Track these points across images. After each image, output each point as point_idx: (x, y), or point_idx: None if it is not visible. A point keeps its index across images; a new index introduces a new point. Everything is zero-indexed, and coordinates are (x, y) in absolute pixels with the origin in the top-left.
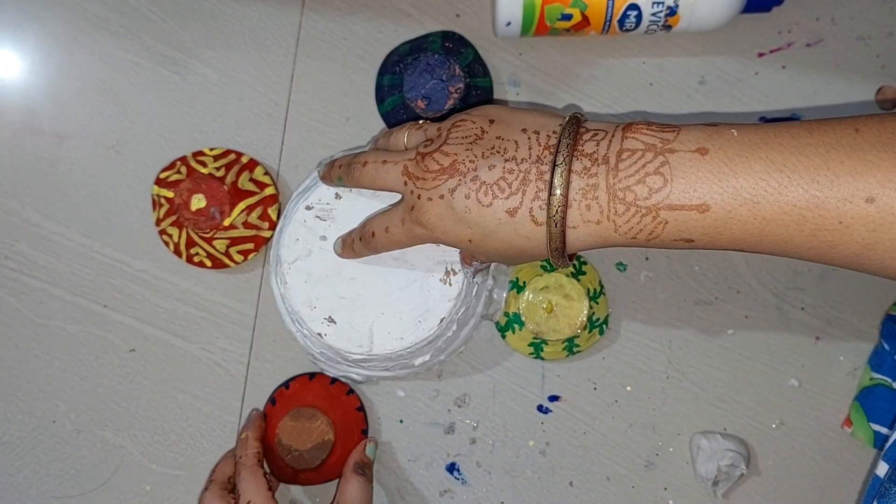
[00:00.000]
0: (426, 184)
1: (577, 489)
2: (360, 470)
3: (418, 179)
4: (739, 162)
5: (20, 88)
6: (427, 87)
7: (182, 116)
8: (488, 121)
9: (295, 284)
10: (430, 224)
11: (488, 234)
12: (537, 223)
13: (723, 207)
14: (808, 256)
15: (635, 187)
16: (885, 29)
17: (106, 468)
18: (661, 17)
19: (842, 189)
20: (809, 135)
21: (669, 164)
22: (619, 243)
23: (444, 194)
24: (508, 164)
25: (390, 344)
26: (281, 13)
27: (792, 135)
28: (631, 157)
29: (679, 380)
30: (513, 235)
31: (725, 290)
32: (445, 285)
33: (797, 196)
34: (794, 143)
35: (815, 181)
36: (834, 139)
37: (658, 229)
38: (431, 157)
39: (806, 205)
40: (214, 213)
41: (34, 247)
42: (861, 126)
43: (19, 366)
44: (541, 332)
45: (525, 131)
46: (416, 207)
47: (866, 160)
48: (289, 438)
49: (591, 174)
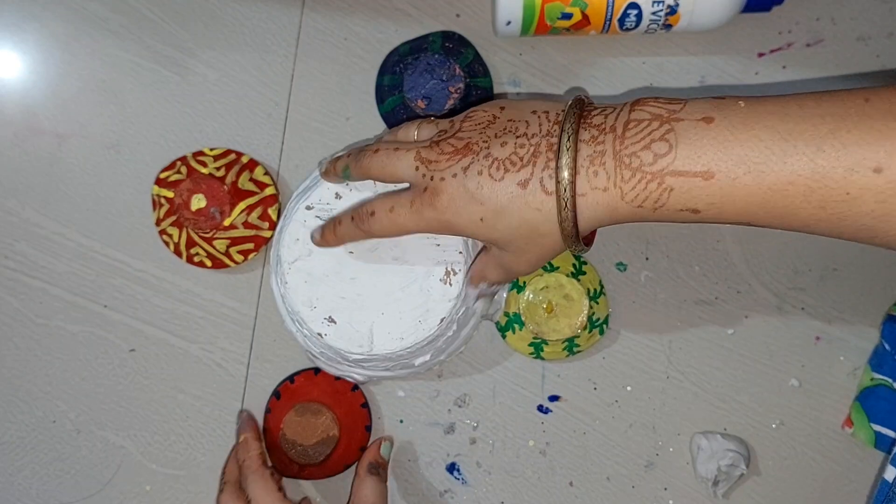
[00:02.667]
0: (439, 165)
1: (577, 489)
2: (375, 470)
3: (431, 163)
4: (744, 130)
5: (20, 88)
6: (427, 87)
7: (182, 116)
8: (499, 108)
9: (295, 284)
10: (442, 206)
11: (500, 209)
12: (547, 192)
13: (727, 175)
14: (819, 230)
15: (641, 153)
16: (885, 29)
17: (106, 468)
18: (661, 16)
19: (848, 158)
20: (817, 105)
21: (675, 132)
22: (626, 215)
23: (458, 173)
24: (519, 140)
25: (390, 344)
26: (281, 13)
27: (800, 104)
28: (637, 126)
29: (679, 380)
30: (524, 209)
31: (726, 290)
32: (445, 285)
33: (803, 165)
34: (802, 113)
35: (821, 150)
36: (842, 109)
37: (664, 196)
38: (446, 141)
39: (812, 174)
40: (214, 213)
41: (34, 247)
42: (872, 96)
43: (19, 366)
44: (541, 332)
45: (535, 112)
46: (429, 189)
47: (874, 129)
48: (293, 433)
49: (598, 142)
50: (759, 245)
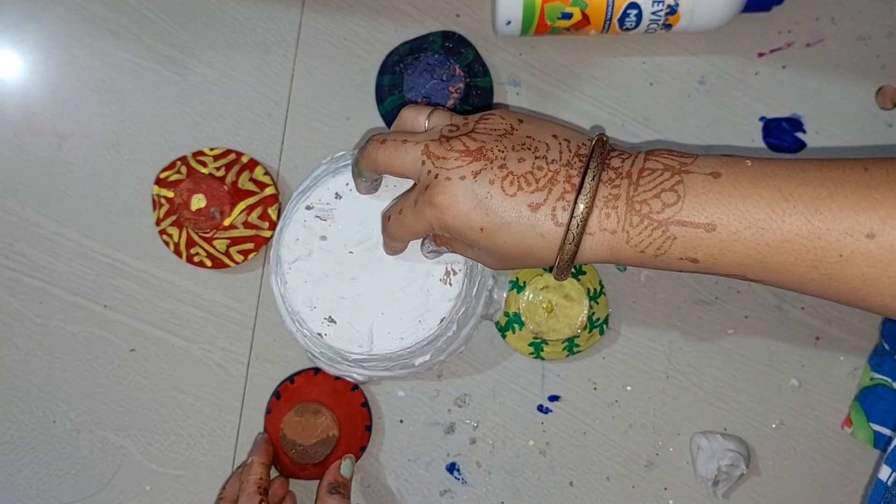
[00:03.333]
0: (447, 163)
1: (577, 489)
2: (335, 489)
3: (438, 159)
4: (749, 187)
5: (20, 88)
6: (427, 87)
7: (182, 116)
8: (517, 119)
9: (295, 284)
10: (442, 204)
11: (504, 225)
12: (557, 223)
13: (728, 229)
14: (810, 289)
15: (651, 201)
16: (885, 29)
17: (106, 468)
18: (661, 16)
19: (843, 222)
20: (819, 169)
21: (684, 184)
22: (627, 258)
23: (466, 175)
24: (538, 162)
25: (390, 344)
26: (281, 13)
27: (802, 168)
28: (650, 175)
29: (679, 380)
30: (528, 231)
31: (725, 290)
32: (445, 285)
33: (800, 225)
34: (804, 176)
35: (818, 212)
36: (842, 175)
37: (666, 244)
38: (458, 139)
39: (808, 235)
40: (214, 212)
41: (34, 247)
42: (871, 165)
43: (19, 366)
44: (541, 331)
45: (556, 137)
46: (432, 186)
47: (870, 196)
48: (293, 433)
49: (614, 185)
50: None
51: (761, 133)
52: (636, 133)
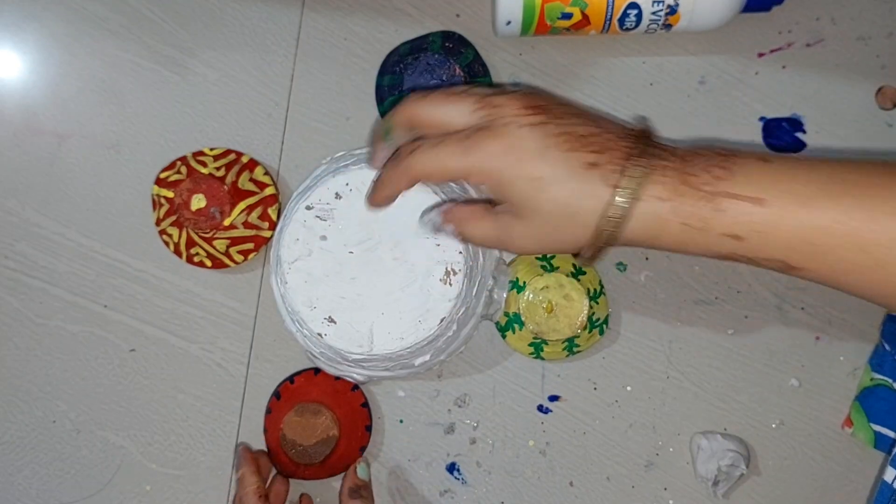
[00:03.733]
0: (506, 111)
1: (577, 489)
2: (357, 493)
3: (496, 107)
4: (800, 171)
5: (20, 88)
6: (427, 87)
7: (182, 116)
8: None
9: (295, 284)
10: (497, 150)
11: (559, 178)
12: (608, 184)
13: (778, 203)
14: (854, 279)
15: (701, 173)
16: (885, 29)
17: (106, 468)
18: (661, 15)
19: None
20: (874, 167)
21: (733, 162)
22: (669, 234)
23: (527, 125)
24: (595, 129)
25: (390, 344)
26: (281, 13)
27: (858, 165)
28: (699, 156)
29: (679, 380)
30: (580, 189)
31: (725, 289)
32: (445, 285)
33: (854, 206)
34: (856, 167)
35: (873, 196)
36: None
37: (713, 218)
38: (516, 94)
39: (862, 218)
40: (214, 213)
41: (34, 247)
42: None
43: (19, 366)
44: (541, 332)
45: (606, 119)
46: (487, 129)
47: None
48: (293, 434)
49: (664, 158)
50: None
51: (761, 133)
52: None
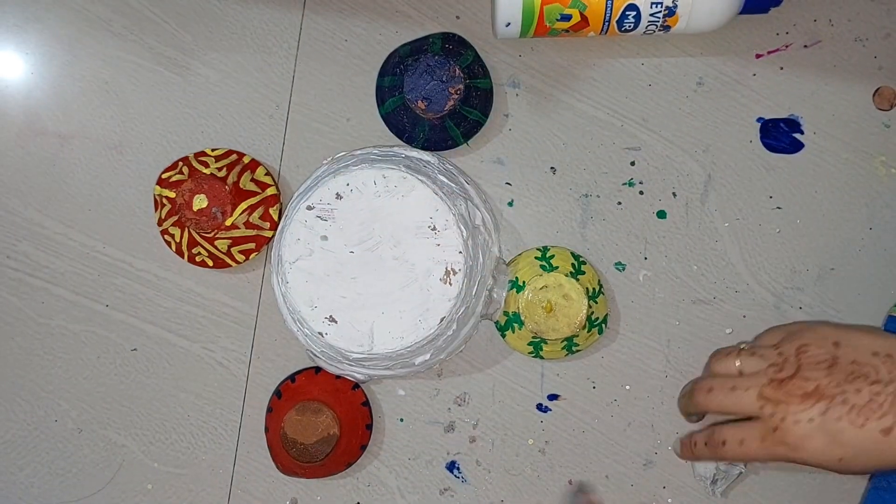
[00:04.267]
0: (791, 408)
1: (576, 487)
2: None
3: (780, 404)
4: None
5: (23, 89)
6: (427, 89)
7: (184, 117)
8: (832, 343)
9: (296, 284)
10: (796, 444)
11: (862, 452)
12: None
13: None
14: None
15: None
16: (882, 30)
17: (108, 467)
18: (659, 17)
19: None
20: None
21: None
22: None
23: (814, 417)
24: (875, 387)
25: (391, 343)
26: (282, 15)
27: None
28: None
29: (678, 379)
30: (887, 452)
31: (724, 289)
32: (445, 285)
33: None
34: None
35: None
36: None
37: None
38: (792, 382)
39: None
40: (216, 213)
41: (36, 246)
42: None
43: (21, 365)
44: (540, 331)
45: (877, 355)
46: (782, 430)
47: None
48: (294, 432)
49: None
50: (757, 245)
51: (759, 134)
52: (634, 134)
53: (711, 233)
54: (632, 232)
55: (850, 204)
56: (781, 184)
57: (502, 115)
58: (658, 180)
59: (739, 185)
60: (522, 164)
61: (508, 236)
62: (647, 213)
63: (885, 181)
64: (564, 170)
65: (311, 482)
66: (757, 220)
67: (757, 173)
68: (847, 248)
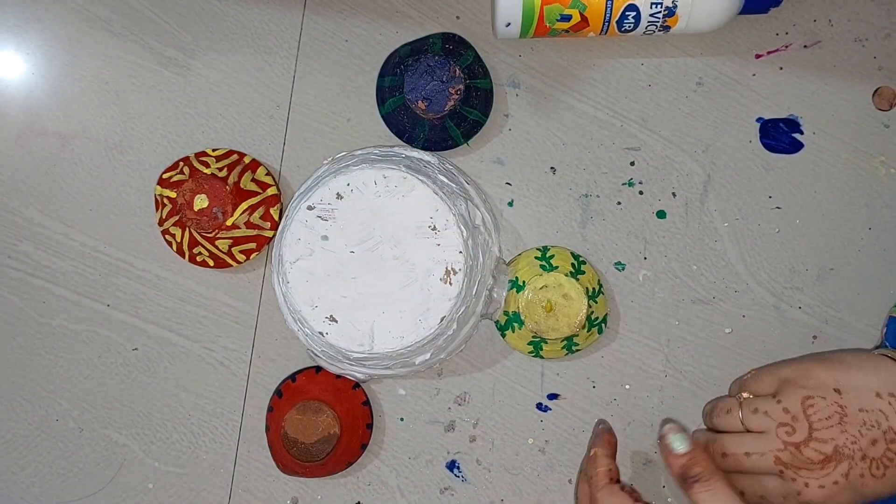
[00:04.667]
0: (813, 474)
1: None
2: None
3: (800, 469)
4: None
5: (23, 89)
6: (427, 89)
7: (184, 117)
8: (833, 390)
9: (297, 284)
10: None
11: (881, 495)
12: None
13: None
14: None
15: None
16: (882, 30)
17: (109, 466)
18: (659, 17)
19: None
20: None
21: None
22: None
23: (839, 480)
24: (888, 435)
25: (391, 342)
26: (282, 15)
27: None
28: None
29: (677, 378)
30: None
31: (723, 289)
32: (446, 284)
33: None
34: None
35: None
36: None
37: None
38: (808, 447)
39: None
40: (217, 213)
41: (37, 246)
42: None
43: (22, 365)
44: (540, 330)
45: (880, 396)
46: (806, 494)
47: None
48: (294, 431)
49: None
50: (756, 244)
51: (758, 134)
52: (634, 134)
53: (711, 233)
54: (631, 232)
55: (849, 204)
56: (781, 184)
57: (502, 115)
58: (658, 180)
59: (739, 185)
60: (522, 164)
61: (508, 236)
62: (647, 213)
63: (884, 181)
64: (564, 170)
65: (311, 481)
66: (756, 220)
67: (756, 173)
68: (847, 248)
